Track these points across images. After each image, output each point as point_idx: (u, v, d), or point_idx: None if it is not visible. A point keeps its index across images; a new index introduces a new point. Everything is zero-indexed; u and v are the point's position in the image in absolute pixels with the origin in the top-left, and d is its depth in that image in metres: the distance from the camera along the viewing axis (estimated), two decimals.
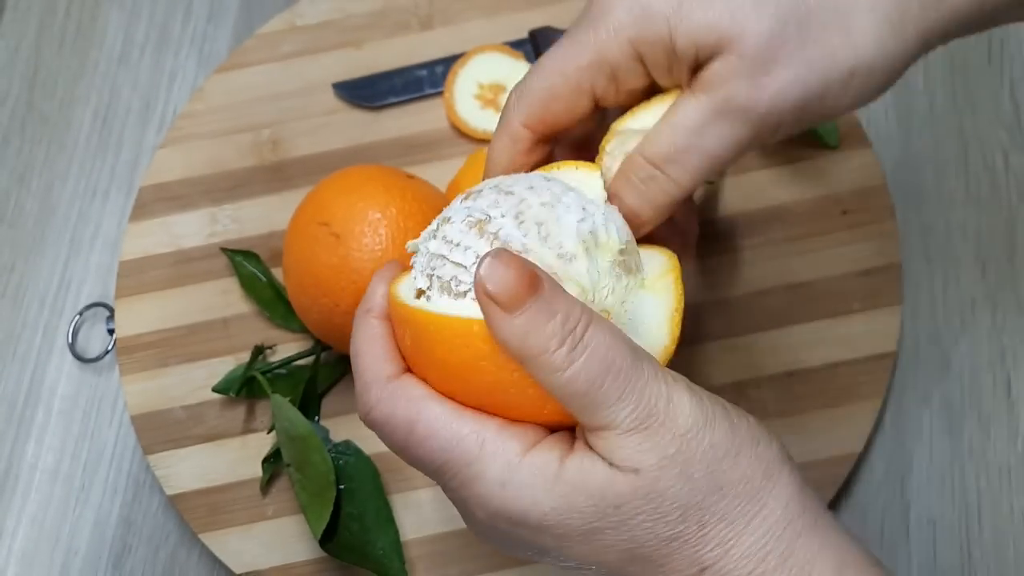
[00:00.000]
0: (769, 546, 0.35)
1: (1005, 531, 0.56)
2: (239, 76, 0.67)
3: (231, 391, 0.58)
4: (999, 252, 0.62)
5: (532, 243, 0.36)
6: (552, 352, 0.33)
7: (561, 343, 0.33)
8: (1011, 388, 0.59)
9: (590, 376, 0.34)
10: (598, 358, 0.34)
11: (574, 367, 0.33)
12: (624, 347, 0.34)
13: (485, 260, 0.33)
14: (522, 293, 0.33)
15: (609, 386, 0.34)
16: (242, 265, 0.61)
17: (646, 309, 0.38)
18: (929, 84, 0.66)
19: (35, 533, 0.61)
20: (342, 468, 0.56)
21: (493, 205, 0.37)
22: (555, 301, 0.34)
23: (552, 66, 0.39)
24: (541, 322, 0.33)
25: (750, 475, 0.35)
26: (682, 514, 0.34)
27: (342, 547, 0.55)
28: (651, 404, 0.34)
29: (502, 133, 0.41)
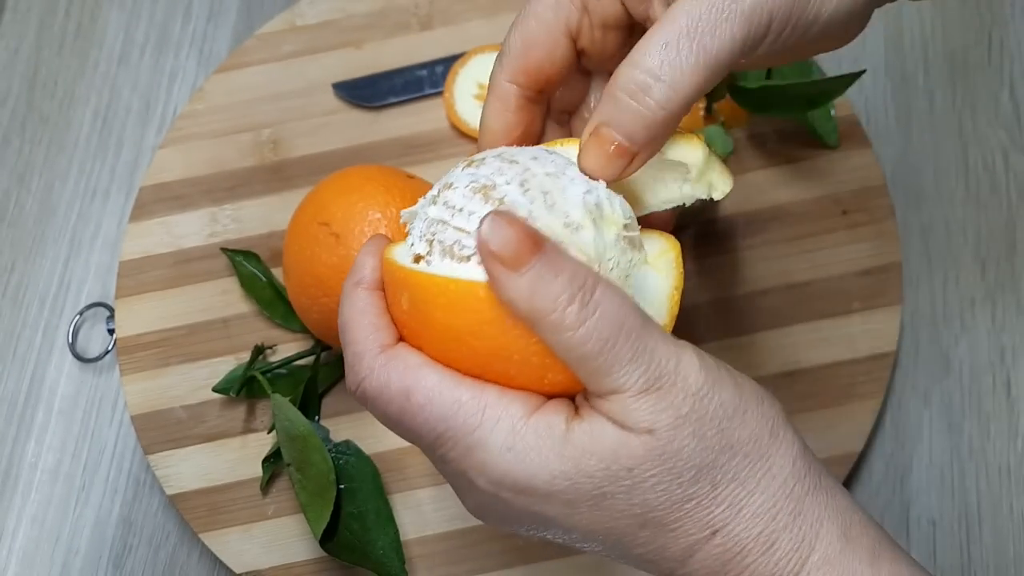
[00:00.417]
0: (779, 504, 0.35)
1: (1005, 531, 0.56)
2: (239, 76, 0.67)
3: (231, 391, 0.58)
4: (999, 252, 0.62)
5: (538, 211, 0.35)
6: (563, 310, 0.33)
7: (571, 300, 0.33)
8: (1011, 388, 0.59)
9: (602, 335, 0.33)
10: (609, 317, 0.33)
11: (586, 326, 0.33)
12: (634, 308, 0.34)
13: (487, 219, 0.33)
14: (525, 251, 0.33)
15: (621, 346, 0.33)
16: (242, 265, 0.61)
17: (648, 285, 0.38)
18: (929, 84, 0.66)
19: (35, 533, 0.61)
20: (342, 468, 0.56)
21: (498, 172, 0.36)
22: (560, 261, 0.33)
23: (525, 14, 0.39)
24: (548, 279, 0.33)
25: (758, 433, 0.35)
26: (696, 474, 0.34)
27: (342, 547, 0.55)
28: (662, 365, 0.34)
29: (491, 97, 0.40)
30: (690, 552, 0.35)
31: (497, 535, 0.56)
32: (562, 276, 0.33)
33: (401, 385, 0.35)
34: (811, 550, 0.35)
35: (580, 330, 0.33)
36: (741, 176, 0.62)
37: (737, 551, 0.35)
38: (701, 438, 0.34)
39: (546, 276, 0.33)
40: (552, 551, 0.56)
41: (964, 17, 0.67)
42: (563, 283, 0.33)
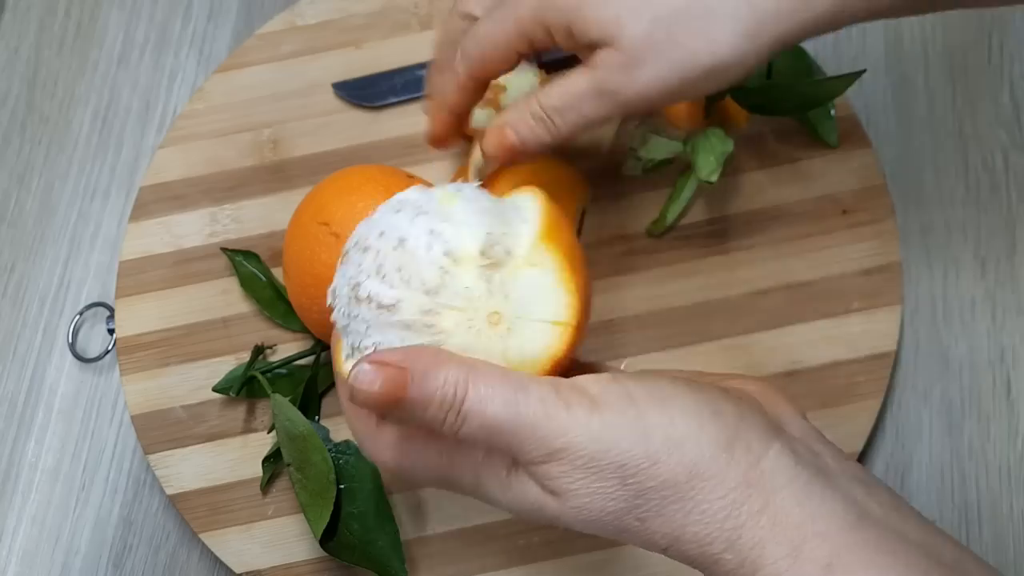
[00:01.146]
0: (713, 535, 0.35)
1: (1005, 531, 0.56)
2: (239, 76, 0.67)
3: (231, 391, 0.58)
4: (999, 251, 0.62)
5: (400, 291, 0.37)
6: (442, 427, 0.36)
7: (442, 423, 0.36)
8: (1011, 387, 0.59)
9: (479, 436, 0.36)
10: (478, 424, 0.36)
11: (463, 432, 0.36)
12: (508, 390, 0.36)
13: (351, 375, 0.36)
14: (386, 405, 0.36)
15: (500, 440, 0.36)
16: (242, 265, 0.61)
17: (533, 288, 0.38)
18: (928, 84, 0.66)
19: (36, 533, 0.61)
20: (342, 468, 0.56)
21: (357, 268, 0.39)
22: (425, 389, 0.36)
23: (484, 38, 0.49)
24: (419, 412, 0.36)
25: (672, 480, 0.36)
26: (616, 519, 0.36)
27: (342, 547, 0.55)
28: (548, 441, 0.35)
29: (450, 80, 0.51)
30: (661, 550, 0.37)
31: (498, 534, 0.56)
32: (430, 407, 0.36)
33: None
34: (755, 569, 0.35)
35: (461, 433, 0.36)
36: (741, 176, 0.62)
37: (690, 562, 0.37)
38: (606, 496, 0.36)
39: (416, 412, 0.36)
40: (552, 551, 0.56)
41: (964, 17, 0.67)
42: (433, 411, 0.36)
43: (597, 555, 0.55)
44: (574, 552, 0.55)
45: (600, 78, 0.46)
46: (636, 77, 0.45)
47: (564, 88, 0.48)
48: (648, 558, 0.55)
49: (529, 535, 0.56)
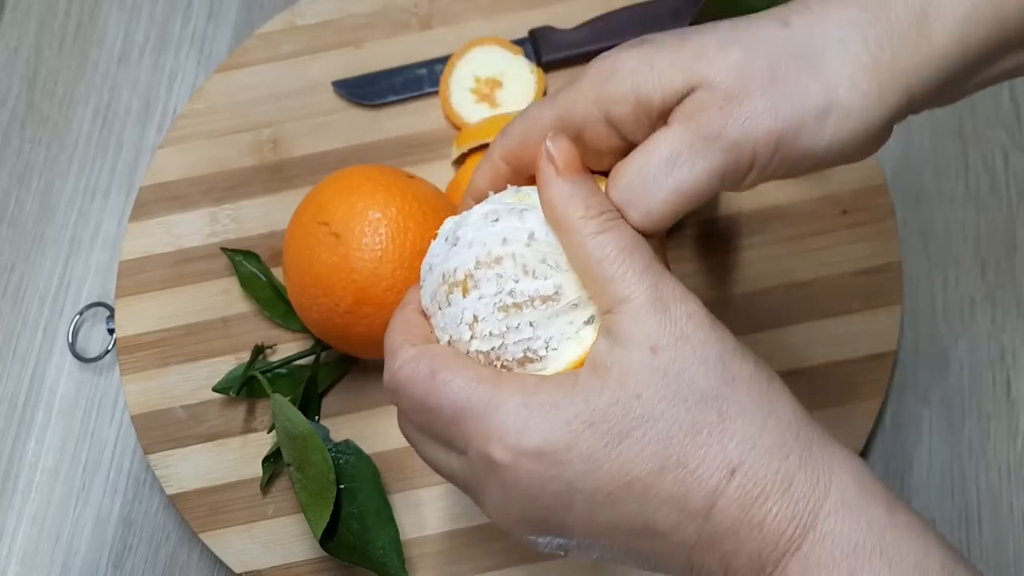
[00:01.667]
0: (790, 445, 0.36)
1: (1005, 530, 0.56)
2: (239, 76, 0.67)
3: (231, 391, 0.58)
4: (999, 251, 0.62)
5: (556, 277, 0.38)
6: (590, 217, 0.37)
7: (600, 213, 0.37)
8: (1011, 387, 0.59)
9: (619, 244, 0.37)
10: (628, 233, 0.37)
11: (607, 233, 0.37)
12: (648, 246, 0.38)
13: (550, 139, 0.39)
14: (575, 167, 0.38)
15: (635, 259, 0.37)
16: (242, 264, 0.61)
17: None
18: None
19: (35, 533, 0.61)
20: (342, 467, 0.56)
21: (499, 280, 0.39)
22: (598, 190, 0.38)
23: (530, 114, 0.41)
24: (584, 193, 0.38)
25: (757, 375, 0.37)
26: (701, 398, 0.36)
27: (342, 546, 0.55)
28: (669, 288, 0.37)
29: (486, 164, 0.43)
30: (712, 500, 0.35)
31: (498, 534, 0.56)
32: (597, 196, 0.38)
33: (428, 367, 0.38)
34: (826, 493, 0.35)
35: (602, 235, 0.37)
36: None
37: (757, 492, 0.35)
38: (703, 362, 0.36)
39: (583, 190, 0.38)
40: None
41: None
42: (595, 200, 0.38)
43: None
44: None
45: (693, 127, 0.37)
46: (738, 114, 0.37)
47: (647, 155, 0.38)
48: None
49: None
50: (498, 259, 0.39)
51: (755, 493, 0.35)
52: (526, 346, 0.38)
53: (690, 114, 0.37)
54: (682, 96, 0.38)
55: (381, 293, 0.53)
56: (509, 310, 0.38)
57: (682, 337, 0.36)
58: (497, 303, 0.38)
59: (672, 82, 0.38)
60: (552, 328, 0.38)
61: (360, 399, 0.59)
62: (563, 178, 0.38)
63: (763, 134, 0.37)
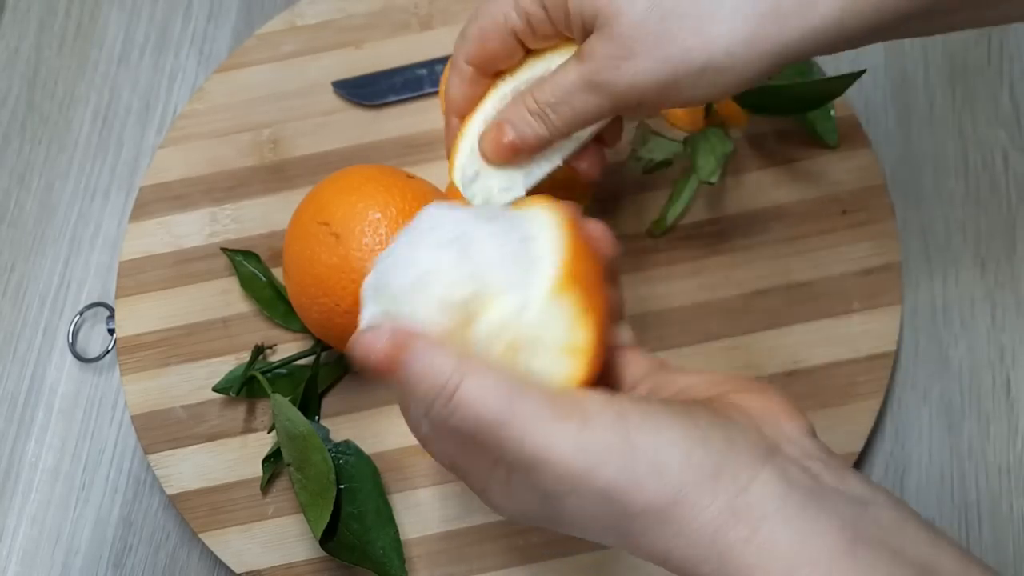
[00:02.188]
0: (701, 556, 0.35)
1: (1004, 531, 0.56)
2: (239, 76, 0.67)
3: (231, 391, 0.58)
4: (998, 251, 0.62)
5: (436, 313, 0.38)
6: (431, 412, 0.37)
7: (430, 406, 0.36)
8: (1010, 387, 0.59)
9: (467, 428, 0.36)
10: (462, 416, 0.36)
11: (452, 422, 0.36)
12: (496, 396, 0.36)
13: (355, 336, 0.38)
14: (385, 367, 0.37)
15: (488, 437, 0.36)
16: (242, 265, 0.61)
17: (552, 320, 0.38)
18: (929, 84, 0.66)
19: (36, 532, 0.61)
20: (342, 468, 0.56)
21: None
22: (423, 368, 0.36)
23: (484, 12, 0.47)
24: (412, 387, 0.37)
25: (655, 504, 0.35)
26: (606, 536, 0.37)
27: (342, 546, 0.55)
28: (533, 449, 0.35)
29: (453, 73, 0.49)
30: (659, 563, 0.37)
31: (498, 535, 0.56)
32: (423, 384, 0.36)
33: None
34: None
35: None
36: (741, 176, 0.62)
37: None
38: (588, 513, 0.36)
39: (411, 384, 0.37)
40: (552, 551, 0.56)
41: None
42: (421, 394, 0.37)
43: (597, 555, 0.55)
44: (574, 552, 0.55)
45: (590, 70, 0.44)
46: (626, 69, 0.43)
47: (556, 81, 0.46)
48: None
49: (529, 535, 0.56)
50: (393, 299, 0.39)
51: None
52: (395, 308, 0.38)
53: (589, 56, 0.44)
54: (593, 26, 0.44)
55: None
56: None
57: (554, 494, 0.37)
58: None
59: (589, 11, 0.44)
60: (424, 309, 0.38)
61: (360, 399, 0.59)
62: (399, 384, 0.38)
63: (646, 87, 0.43)
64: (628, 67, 0.43)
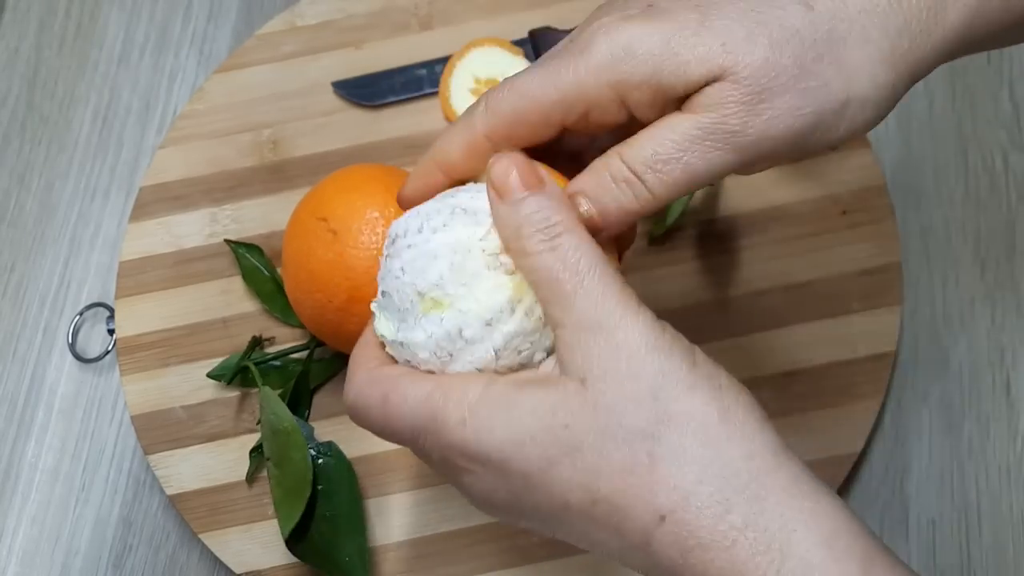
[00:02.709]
0: (731, 499, 0.33)
1: (1005, 531, 0.56)
2: (239, 76, 0.67)
3: (224, 379, 0.58)
4: (998, 252, 0.62)
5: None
6: (527, 238, 0.36)
7: (540, 230, 0.36)
8: (1010, 388, 0.59)
9: (558, 264, 0.35)
10: (559, 257, 0.36)
11: (545, 254, 0.36)
12: (595, 260, 0.36)
13: (494, 159, 0.37)
14: (515, 188, 0.37)
15: (566, 282, 0.35)
16: (245, 257, 0.61)
17: None
18: (929, 84, 0.66)
19: (35, 533, 0.61)
20: (321, 468, 0.55)
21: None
22: (541, 205, 0.36)
23: (527, 91, 0.38)
24: (527, 211, 0.36)
25: (702, 414, 0.34)
26: (630, 435, 0.34)
27: (309, 550, 0.54)
28: (603, 311, 0.35)
29: (462, 136, 0.40)
30: (646, 539, 0.34)
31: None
32: (543, 212, 0.36)
33: (381, 391, 0.38)
34: (783, 557, 0.33)
35: (539, 256, 0.36)
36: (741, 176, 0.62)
37: (693, 544, 0.34)
38: (633, 398, 0.34)
39: (526, 209, 0.36)
40: (550, 551, 0.56)
41: None
42: (539, 217, 0.36)
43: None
44: (573, 553, 0.55)
45: (713, 118, 0.36)
46: (761, 111, 0.36)
47: (659, 138, 0.37)
48: None
49: (526, 535, 0.56)
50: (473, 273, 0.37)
51: (691, 543, 0.33)
52: (521, 357, 0.37)
53: (710, 106, 0.36)
54: (703, 85, 0.36)
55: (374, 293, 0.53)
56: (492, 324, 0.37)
57: (610, 370, 0.34)
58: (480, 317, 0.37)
59: (696, 73, 0.36)
60: (547, 336, 0.37)
61: None
62: (504, 203, 0.37)
63: (782, 132, 0.37)
64: (763, 108, 0.36)
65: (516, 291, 0.37)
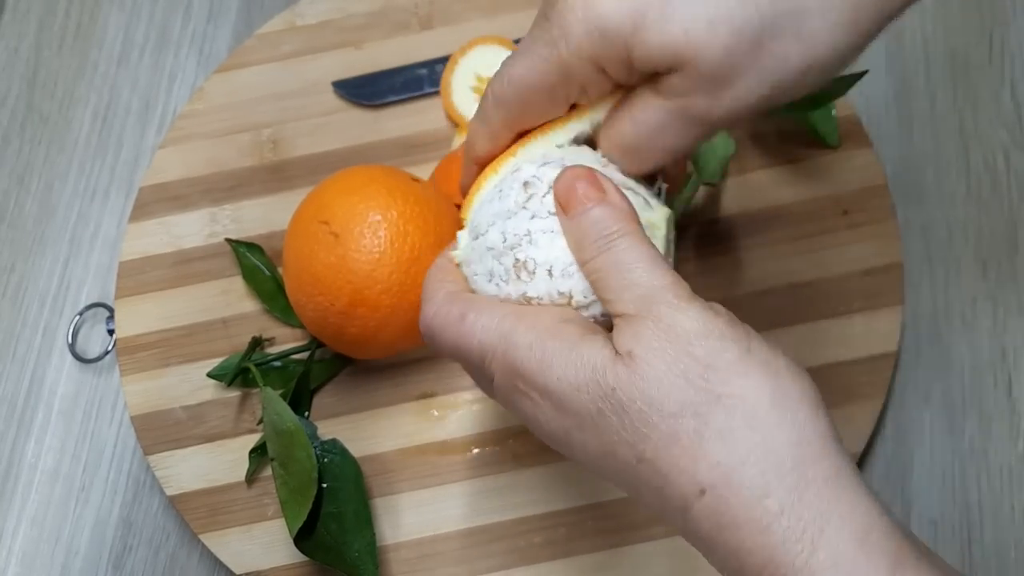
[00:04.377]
0: (772, 486, 0.34)
1: (1006, 531, 0.56)
2: (239, 76, 0.67)
3: (225, 380, 0.58)
4: (1000, 251, 0.62)
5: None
6: (591, 242, 0.39)
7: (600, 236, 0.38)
8: (1012, 388, 0.59)
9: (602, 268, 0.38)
10: (613, 258, 0.38)
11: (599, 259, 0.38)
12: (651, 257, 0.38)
13: (560, 174, 0.40)
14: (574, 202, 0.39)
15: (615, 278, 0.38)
16: (246, 256, 0.61)
17: None
18: (930, 84, 0.66)
19: (35, 533, 0.61)
20: (326, 466, 0.56)
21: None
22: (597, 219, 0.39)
23: (523, 81, 0.41)
24: (589, 222, 0.39)
25: (753, 397, 0.35)
26: (679, 409, 0.35)
27: (318, 547, 0.54)
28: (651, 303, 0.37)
29: (483, 131, 0.44)
30: (685, 506, 0.35)
31: (498, 535, 0.56)
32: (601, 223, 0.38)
33: (459, 310, 0.40)
34: (814, 548, 0.33)
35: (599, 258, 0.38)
36: (742, 176, 0.62)
37: (728, 521, 0.34)
38: (683, 374, 0.35)
39: (587, 221, 0.39)
40: (553, 552, 0.56)
41: (965, 17, 0.67)
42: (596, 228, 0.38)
43: (598, 556, 0.55)
44: (575, 553, 0.55)
45: (680, 104, 0.39)
46: (724, 96, 0.38)
47: (635, 123, 0.41)
48: (649, 559, 0.55)
49: (530, 536, 0.56)
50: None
51: (726, 520, 0.34)
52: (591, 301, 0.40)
53: (675, 92, 0.39)
54: (668, 70, 0.38)
55: (376, 296, 0.53)
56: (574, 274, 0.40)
57: (657, 349, 0.36)
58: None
59: (660, 59, 0.38)
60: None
61: (353, 400, 0.59)
62: (568, 217, 0.39)
63: (745, 107, 0.39)
64: (726, 94, 0.38)
65: None
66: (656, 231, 0.41)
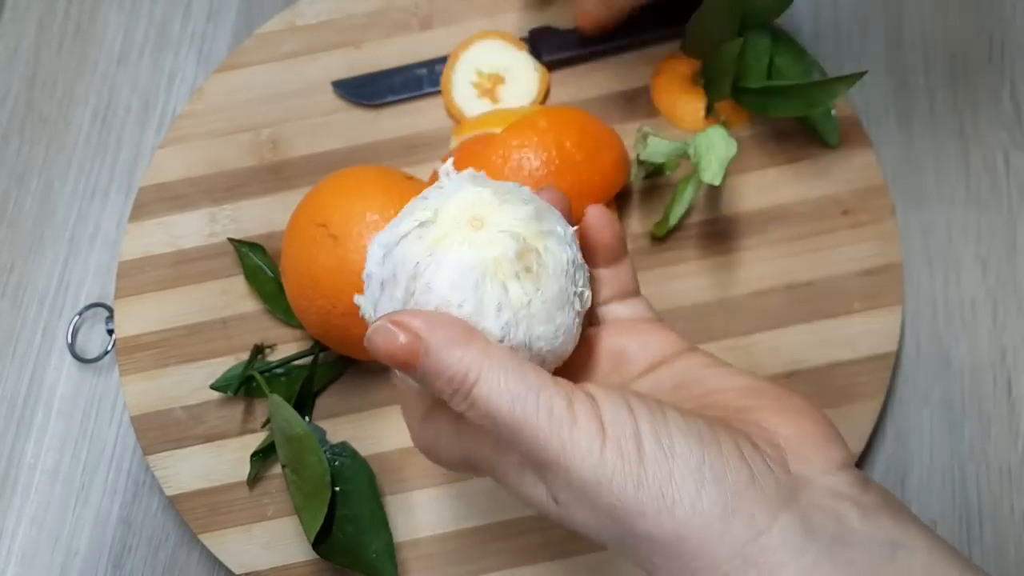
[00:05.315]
0: None
1: (1006, 531, 0.56)
2: (239, 76, 0.67)
3: (229, 390, 0.58)
4: (999, 252, 0.62)
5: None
6: (450, 403, 0.36)
7: (450, 399, 0.36)
8: (1011, 388, 0.59)
9: (486, 424, 0.36)
10: (483, 412, 0.36)
11: (470, 415, 0.36)
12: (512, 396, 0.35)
13: (373, 327, 0.37)
14: (401, 365, 0.36)
15: (505, 433, 0.35)
16: (248, 256, 0.61)
17: None
18: (930, 84, 0.66)
19: (35, 533, 0.61)
20: (338, 470, 0.56)
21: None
22: (436, 365, 0.36)
23: None
24: (430, 381, 0.36)
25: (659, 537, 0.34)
26: (619, 548, 0.35)
27: (335, 549, 0.54)
28: (548, 452, 0.35)
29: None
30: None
31: (497, 536, 0.56)
32: (441, 379, 0.36)
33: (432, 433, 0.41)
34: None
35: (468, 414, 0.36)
36: (742, 176, 0.62)
37: None
38: (599, 523, 0.35)
39: (429, 379, 0.36)
40: (552, 552, 0.56)
41: (964, 17, 0.67)
42: (443, 383, 0.36)
43: (598, 556, 0.55)
44: (574, 553, 0.55)
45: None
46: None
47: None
48: None
49: (529, 536, 0.56)
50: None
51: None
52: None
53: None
54: None
55: None
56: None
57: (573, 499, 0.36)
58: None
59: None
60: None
61: (357, 400, 0.59)
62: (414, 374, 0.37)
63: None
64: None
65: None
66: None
